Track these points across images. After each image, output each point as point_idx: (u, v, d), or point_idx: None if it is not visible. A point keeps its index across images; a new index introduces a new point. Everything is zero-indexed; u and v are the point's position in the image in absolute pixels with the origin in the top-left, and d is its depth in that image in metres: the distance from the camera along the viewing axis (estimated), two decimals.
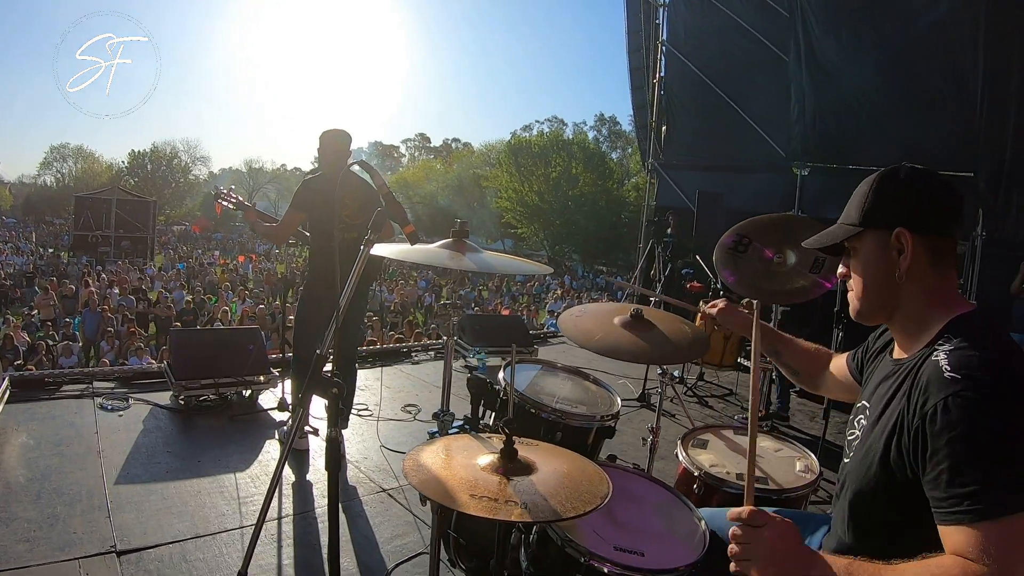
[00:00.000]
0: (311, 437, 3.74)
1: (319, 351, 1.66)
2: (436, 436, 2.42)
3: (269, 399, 4.36)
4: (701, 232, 7.52)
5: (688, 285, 6.55)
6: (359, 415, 4.28)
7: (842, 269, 1.39)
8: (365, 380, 4.90)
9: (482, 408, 2.57)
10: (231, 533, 2.73)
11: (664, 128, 9.68)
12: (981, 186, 5.79)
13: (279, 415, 4.11)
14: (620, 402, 2.52)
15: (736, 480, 2.15)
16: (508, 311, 16.50)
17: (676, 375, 5.82)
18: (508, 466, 1.43)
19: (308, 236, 3.75)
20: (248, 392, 4.34)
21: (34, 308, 13.51)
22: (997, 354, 1.10)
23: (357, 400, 4.27)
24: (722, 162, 8.91)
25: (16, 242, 28.15)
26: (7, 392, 3.91)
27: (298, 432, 3.64)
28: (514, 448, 1.46)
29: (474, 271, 1.93)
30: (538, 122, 48.42)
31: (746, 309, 2.01)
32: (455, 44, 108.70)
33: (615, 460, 2.47)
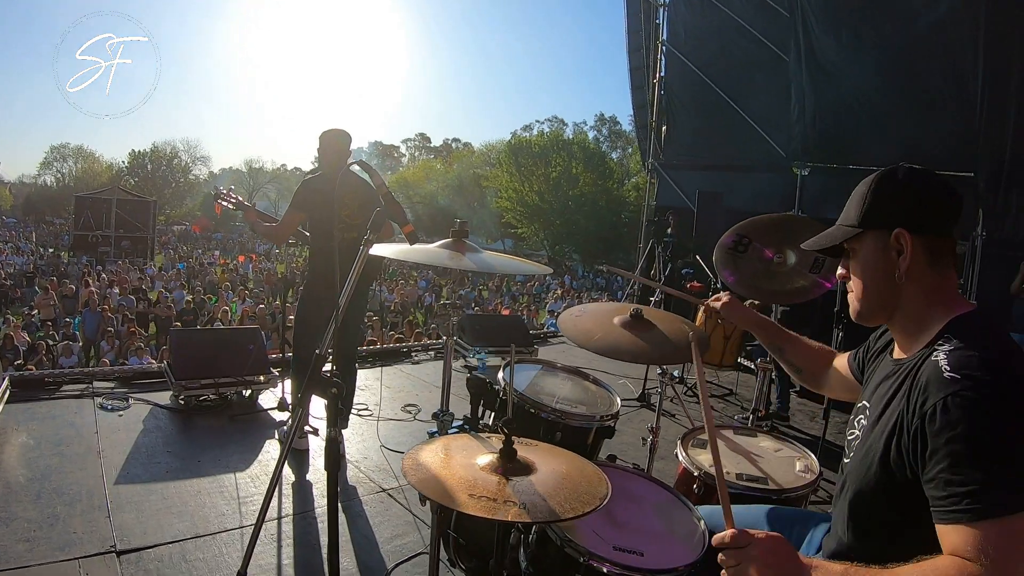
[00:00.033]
0: (311, 437, 3.74)
1: (318, 351, 1.66)
2: (436, 436, 2.42)
3: (269, 399, 4.36)
4: (701, 232, 7.52)
5: (688, 285, 6.55)
6: (359, 415, 4.28)
7: (841, 270, 1.39)
8: (365, 380, 4.90)
9: (482, 408, 2.57)
10: (231, 533, 2.74)
11: (664, 128, 9.68)
12: (981, 186, 5.79)
13: (279, 415, 4.11)
14: (620, 402, 2.52)
15: (736, 480, 2.15)
16: (508, 311, 16.50)
17: (676, 375, 5.82)
18: (507, 466, 1.43)
19: (308, 236, 3.75)
20: (248, 392, 4.34)
21: (34, 308, 13.51)
22: (997, 354, 1.10)
23: (357, 400, 4.27)
24: (722, 162, 8.91)
25: (16, 242, 28.18)
26: (7, 392, 3.92)
27: (298, 432, 3.64)
28: (513, 448, 1.46)
29: (474, 271, 1.93)
30: (538, 122, 48.46)
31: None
32: (455, 44, 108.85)
33: (615, 460, 2.47)
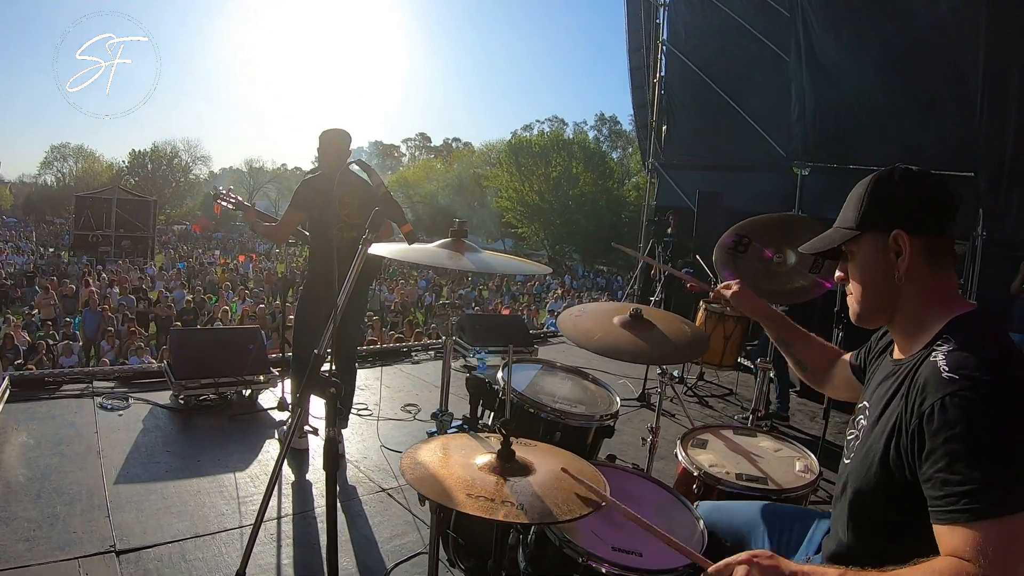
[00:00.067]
0: (311, 436, 3.74)
1: (317, 351, 1.66)
2: (435, 436, 2.42)
3: (269, 399, 4.36)
4: (701, 232, 7.52)
5: (688, 285, 6.54)
6: (359, 415, 4.28)
7: (839, 273, 1.39)
8: (365, 380, 4.90)
9: (481, 408, 2.57)
10: (230, 533, 2.74)
11: (664, 128, 9.67)
12: (982, 186, 5.78)
13: (279, 415, 4.11)
14: (619, 402, 2.52)
15: (736, 480, 2.15)
16: (508, 311, 16.50)
17: (676, 375, 5.82)
18: (505, 466, 1.43)
19: (308, 236, 3.75)
20: (248, 392, 4.34)
21: (34, 307, 13.51)
22: (995, 354, 1.10)
23: (357, 399, 4.27)
24: (722, 162, 8.91)
25: (16, 241, 28.19)
26: (7, 391, 3.92)
27: (297, 432, 3.64)
28: (511, 449, 1.46)
29: (472, 271, 1.93)
30: (539, 122, 48.36)
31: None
32: (456, 43, 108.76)
33: (614, 460, 2.47)
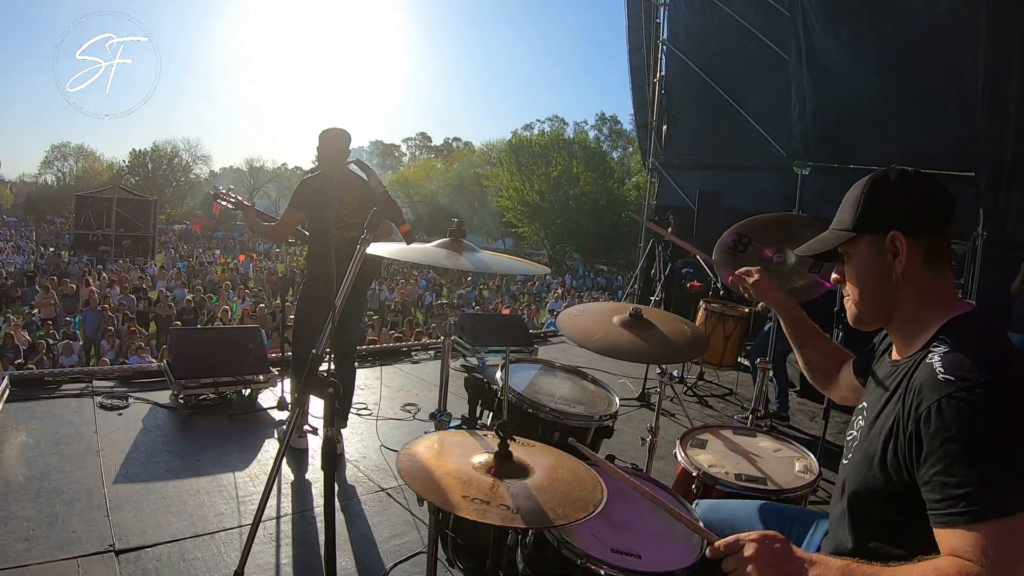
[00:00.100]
0: (310, 436, 3.74)
1: (315, 350, 1.66)
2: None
3: (269, 398, 4.35)
4: (702, 231, 7.51)
5: (688, 284, 6.55)
6: (358, 414, 4.28)
7: (835, 275, 1.39)
8: (365, 379, 4.90)
9: (480, 408, 2.57)
10: (230, 532, 2.74)
11: (665, 127, 9.65)
12: (982, 186, 5.77)
13: (278, 414, 4.11)
14: (618, 402, 2.52)
15: (735, 480, 2.15)
16: (508, 310, 16.50)
17: (676, 375, 5.82)
18: (502, 468, 1.43)
19: (307, 235, 3.75)
20: (248, 391, 4.34)
21: (35, 307, 13.52)
22: (992, 355, 1.10)
23: (356, 399, 4.27)
24: (723, 161, 8.90)
25: (17, 241, 28.19)
26: (7, 391, 3.91)
27: (296, 431, 3.64)
28: (508, 451, 1.45)
29: (471, 271, 1.93)
30: (539, 121, 48.35)
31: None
32: (456, 43, 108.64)
33: (613, 460, 2.47)
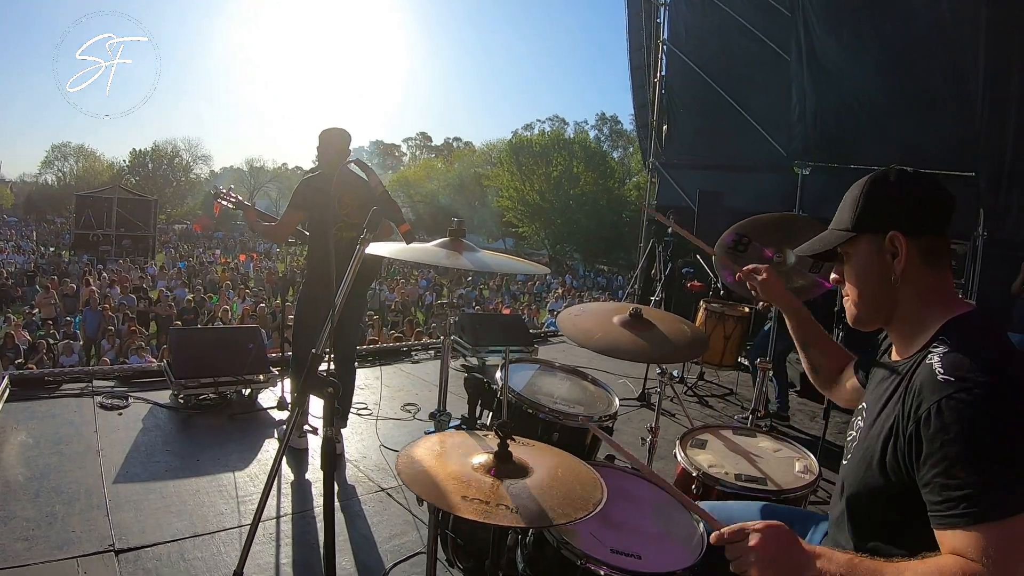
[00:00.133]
0: (310, 436, 3.74)
1: (314, 351, 1.66)
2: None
3: (269, 398, 4.35)
4: (702, 231, 7.47)
5: (689, 284, 6.54)
6: (358, 414, 4.28)
7: (835, 275, 1.38)
8: (365, 379, 4.90)
9: (479, 408, 2.57)
10: (229, 532, 2.74)
11: (665, 127, 9.65)
12: (982, 186, 5.77)
13: (278, 414, 4.11)
14: (618, 402, 2.52)
15: (735, 480, 2.14)
16: (509, 310, 16.51)
17: (676, 375, 5.82)
18: (502, 468, 1.42)
19: (307, 235, 3.75)
20: (248, 391, 4.34)
21: (35, 307, 13.52)
22: (992, 355, 1.10)
23: (356, 399, 4.27)
24: (723, 161, 8.89)
25: (17, 241, 28.20)
26: (7, 391, 3.91)
27: (295, 431, 3.64)
28: (508, 451, 1.45)
29: (470, 270, 1.93)
30: (539, 121, 48.38)
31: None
32: (457, 43, 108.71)
33: (613, 460, 2.47)
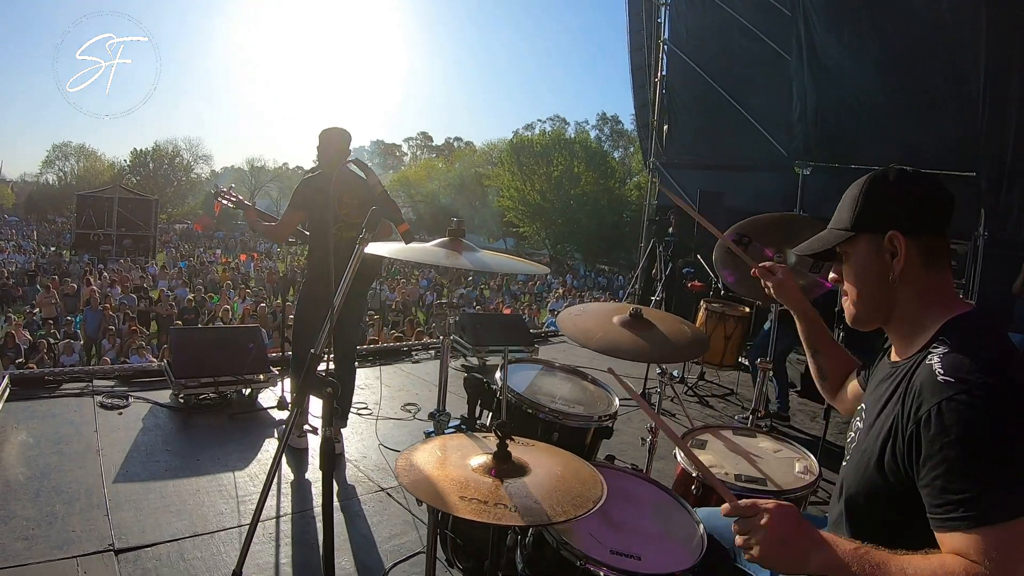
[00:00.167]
0: (310, 436, 3.74)
1: (313, 350, 1.66)
2: (432, 436, 2.42)
3: (269, 397, 4.36)
4: (702, 231, 7.48)
5: (689, 284, 6.54)
6: (358, 414, 4.28)
7: (833, 275, 1.38)
8: (365, 379, 4.90)
9: (479, 408, 2.56)
10: (229, 532, 2.74)
11: (666, 127, 9.65)
12: (983, 186, 5.76)
13: (278, 414, 4.11)
14: (618, 402, 2.51)
15: (735, 481, 2.14)
16: (510, 310, 16.51)
17: (676, 375, 5.81)
18: (501, 467, 1.42)
19: (308, 235, 3.75)
20: (248, 390, 4.34)
21: (36, 306, 13.53)
22: (993, 355, 1.09)
23: (356, 399, 4.27)
24: (724, 161, 8.88)
25: (18, 240, 28.21)
26: (7, 390, 3.92)
27: (294, 431, 3.64)
28: (507, 450, 1.45)
29: (469, 270, 1.93)
30: (540, 121, 48.34)
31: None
32: (457, 43, 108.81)
33: (613, 460, 2.47)
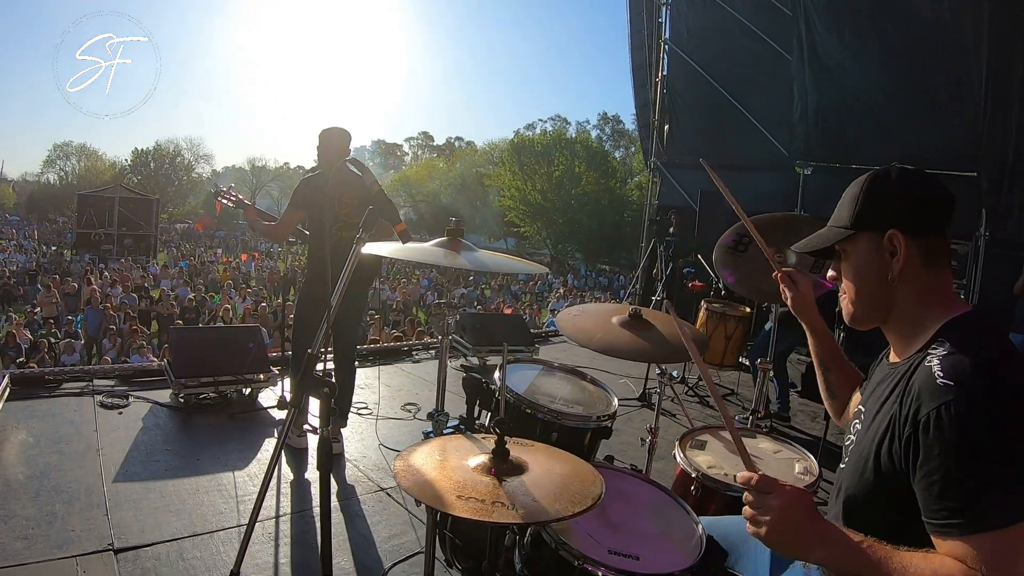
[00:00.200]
0: (309, 435, 3.74)
1: (311, 350, 1.66)
2: (431, 436, 2.42)
3: (269, 397, 4.36)
4: (703, 231, 7.51)
5: (690, 284, 6.53)
6: (358, 414, 4.28)
7: (832, 272, 1.37)
8: (365, 378, 4.90)
9: (478, 408, 2.56)
10: (228, 531, 2.74)
11: (667, 127, 9.65)
12: (984, 186, 5.75)
13: (278, 413, 4.11)
14: (617, 402, 2.51)
15: (734, 482, 2.14)
16: (510, 310, 16.51)
17: (676, 375, 5.81)
18: (499, 466, 1.42)
19: (307, 235, 3.75)
20: (248, 390, 4.34)
21: (37, 306, 13.55)
22: (992, 355, 1.09)
23: (356, 398, 4.27)
24: (725, 161, 8.85)
25: (19, 240, 28.24)
26: (7, 389, 3.92)
27: (294, 431, 3.64)
28: (506, 448, 1.45)
29: (468, 269, 1.92)
30: (541, 121, 48.45)
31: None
32: (458, 43, 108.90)
33: (612, 461, 2.47)
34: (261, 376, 4.35)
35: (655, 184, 10.01)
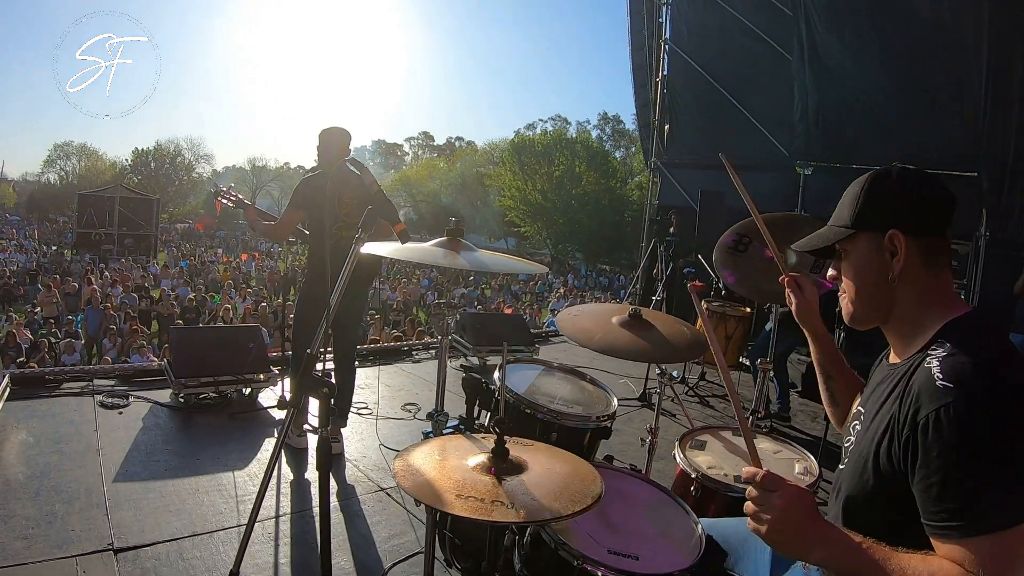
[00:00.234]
0: (309, 435, 3.74)
1: (310, 350, 1.66)
2: (430, 436, 2.42)
3: (269, 397, 4.36)
4: (703, 231, 7.51)
5: (690, 284, 6.54)
6: (358, 413, 4.28)
7: (832, 272, 1.37)
8: (365, 378, 4.89)
9: (477, 408, 2.56)
10: (228, 531, 2.74)
11: (667, 127, 9.65)
12: (984, 186, 5.75)
13: (279, 413, 4.11)
14: (617, 402, 2.51)
15: (734, 482, 2.14)
16: (511, 310, 16.50)
17: (676, 375, 5.81)
18: (499, 466, 1.42)
19: (307, 235, 3.75)
20: (248, 390, 4.34)
21: (37, 305, 13.56)
22: (992, 355, 1.08)
23: (356, 398, 4.26)
24: None
25: (20, 239, 28.23)
26: (7, 389, 3.92)
27: (294, 430, 3.64)
28: (505, 448, 1.45)
29: (467, 269, 1.92)
30: (541, 121, 48.46)
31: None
32: (459, 43, 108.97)
33: (612, 461, 2.47)
34: (261, 376, 4.35)
35: (655, 184, 10.01)
